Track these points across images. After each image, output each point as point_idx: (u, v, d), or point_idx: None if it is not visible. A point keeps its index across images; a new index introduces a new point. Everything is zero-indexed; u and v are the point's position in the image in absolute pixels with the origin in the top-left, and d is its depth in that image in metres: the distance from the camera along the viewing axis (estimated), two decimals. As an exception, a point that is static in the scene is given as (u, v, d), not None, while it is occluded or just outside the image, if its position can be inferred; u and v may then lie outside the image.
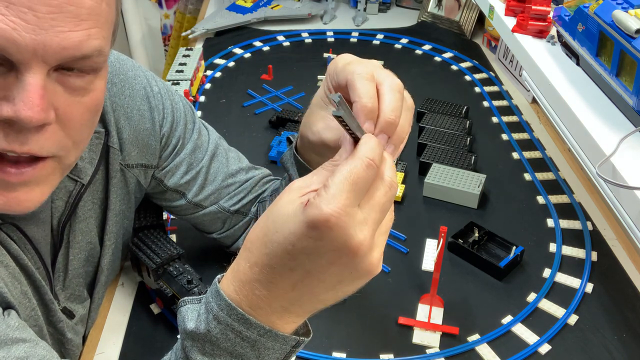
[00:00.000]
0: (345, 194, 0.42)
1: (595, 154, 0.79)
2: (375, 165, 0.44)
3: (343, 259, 0.44)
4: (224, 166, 0.88)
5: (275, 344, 0.49)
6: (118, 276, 0.98)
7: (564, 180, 1.18)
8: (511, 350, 0.86)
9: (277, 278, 0.46)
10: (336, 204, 0.42)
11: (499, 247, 1.02)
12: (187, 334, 0.51)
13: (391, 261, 1.00)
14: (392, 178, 0.46)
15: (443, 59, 1.62)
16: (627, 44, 0.76)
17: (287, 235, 0.44)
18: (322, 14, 1.83)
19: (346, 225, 0.43)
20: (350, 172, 0.43)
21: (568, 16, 0.95)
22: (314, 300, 0.48)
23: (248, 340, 0.48)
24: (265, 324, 0.48)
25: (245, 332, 0.48)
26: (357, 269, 0.45)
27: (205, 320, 0.49)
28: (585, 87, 0.91)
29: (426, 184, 1.13)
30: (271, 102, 1.42)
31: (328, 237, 0.43)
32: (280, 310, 0.48)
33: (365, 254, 0.44)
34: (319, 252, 0.44)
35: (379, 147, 0.45)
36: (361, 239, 0.43)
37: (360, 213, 0.44)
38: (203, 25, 1.73)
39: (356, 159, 0.44)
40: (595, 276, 0.98)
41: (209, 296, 0.50)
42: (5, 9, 0.45)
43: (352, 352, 0.86)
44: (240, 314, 0.48)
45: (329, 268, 0.45)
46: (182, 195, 0.86)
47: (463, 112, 1.33)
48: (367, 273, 0.46)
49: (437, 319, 0.90)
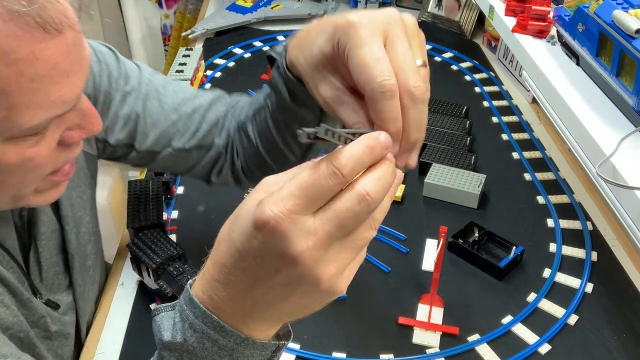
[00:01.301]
0: (294, 199, 0.40)
1: (595, 154, 0.79)
2: (341, 176, 0.40)
3: (286, 268, 0.42)
4: (163, 104, 0.82)
5: (253, 351, 0.48)
6: (118, 276, 0.98)
7: (564, 180, 1.18)
8: (511, 350, 0.86)
9: (232, 279, 0.45)
10: (280, 207, 0.40)
11: (499, 247, 1.02)
12: (164, 344, 0.49)
13: (391, 261, 1.00)
14: (368, 190, 0.41)
15: (443, 59, 1.62)
16: (627, 44, 0.76)
17: (239, 234, 0.43)
18: (322, 14, 1.83)
19: (287, 232, 0.40)
20: (308, 177, 0.40)
21: (568, 16, 0.95)
22: (272, 309, 0.46)
23: (225, 349, 0.47)
24: (242, 333, 0.47)
25: (222, 340, 0.47)
26: (303, 282, 0.42)
27: (181, 330, 0.48)
28: (585, 87, 0.91)
29: (426, 184, 1.13)
30: (271, 102, 1.42)
31: (269, 241, 0.41)
32: (243, 316, 0.46)
33: (310, 266, 0.41)
34: (263, 255, 0.42)
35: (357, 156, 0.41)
36: (302, 249, 0.40)
37: (310, 222, 0.40)
38: (203, 25, 1.73)
39: (322, 163, 0.41)
40: (595, 276, 0.98)
41: (183, 304, 0.48)
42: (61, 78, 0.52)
43: (352, 352, 0.86)
44: (215, 322, 0.46)
45: (275, 276, 0.42)
46: (131, 148, 0.83)
47: (463, 112, 1.33)
48: (319, 289, 0.43)
49: (437, 319, 0.90)
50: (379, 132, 0.43)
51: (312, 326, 0.89)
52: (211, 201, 1.11)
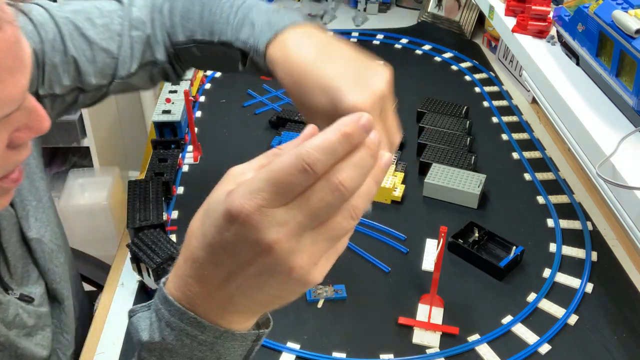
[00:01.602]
0: (262, 193, 0.39)
1: (595, 154, 0.79)
2: (312, 172, 0.38)
3: (258, 259, 0.41)
4: (89, 38, 0.80)
5: (234, 343, 0.47)
6: (118, 276, 0.98)
7: (564, 180, 1.18)
8: (511, 350, 0.86)
9: (204, 274, 0.44)
10: (249, 201, 0.39)
11: (499, 247, 1.02)
12: (143, 345, 0.49)
13: (391, 261, 1.00)
14: (342, 180, 0.39)
15: (443, 59, 1.62)
16: (627, 44, 0.76)
17: (210, 227, 0.42)
18: (322, 14, 1.83)
19: (257, 224, 0.39)
20: (277, 171, 0.39)
21: (568, 16, 0.95)
22: (248, 301, 0.45)
23: (205, 344, 0.46)
24: (220, 326, 0.46)
25: (201, 336, 0.46)
26: (276, 272, 0.41)
27: (158, 329, 0.47)
28: (585, 87, 0.91)
29: (426, 184, 1.13)
30: (271, 102, 1.42)
31: (241, 233, 0.40)
32: (218, 310, 0.46)
33: (282, 257, 0.40)
34: (235, 248, 0.41)
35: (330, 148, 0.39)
36: (274, 239, 0.39)
37: (281, 214, 0.39)
38: (203, 25, 1.73)
39: (293, 157, 0.39)
40: (595, 276, 0.98)
41: (158, 302, 0.48)
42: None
43: (352, 352, 0.86)
44: (192, 318, 0.46)
45: (249, 268, 0.42)
46: (80, 90, 0.82)
47: (463, 112, 1.33)
48: (292, 278, 0.41)
49: (437, 319, 0.90)
50: (360, 115, 0.40)
51: (312, 326, 0.89)
52: (211, 201, 1.11)
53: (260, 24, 0.73)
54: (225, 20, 0.79)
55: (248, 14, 0.77)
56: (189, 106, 1.21)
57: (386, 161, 0.43)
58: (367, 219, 1.08)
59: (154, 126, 1.22)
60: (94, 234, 2.00)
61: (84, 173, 2.08)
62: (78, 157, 2.25)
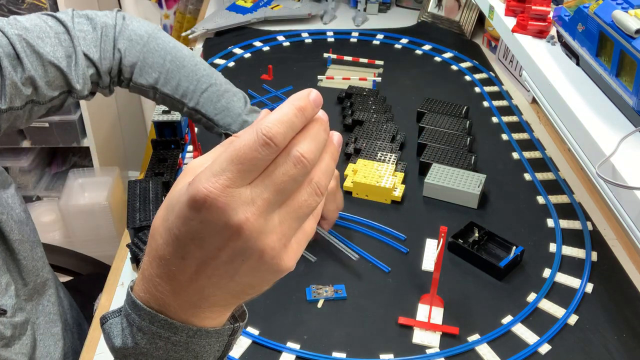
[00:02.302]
0: (227, 173, 0.39)
1: (595, 154, 0.79)
2: (273, 144, 0.38)
3: (229, 243, 0.40)
4: (41, 52, 0.86)
5: (209, 340, 0.46)
6: (118, 276, 0.98)
7: (564, 180, 1.18)
8: (511, 350, 0.86)
9: (172, 270, 0.43)
10: (214, 183, 0.38)
11: (499, 247, 1.02)
12: (117, 351, 0.48)
13: (391, 261, 1.00)
14: (302, 152, 0.40)
15: (443, 59, 1.62)
16: (627, 44, 0.76)
17: (175, 220, 0.41)
18: (322, 14, 1.83)
19: (225, 206, 0.39)
20: (239, 150, 0.39)
21: (568, 16, 0.95)
22: (220, 292, 0.44)
23: (179, 344, 0.46)
24: (192, 325, 0.45)
25: (174, 337, 0.45)
26: (246, 255, 0.41)
27: (130, 334, 0.46)
28: (585, 87, 0.91)
29: (426, 184, 1.13)
30: (271, 102, 1.42)
31: (208, 219, 0.39)
32: (190, 307, 0.44)
33: (252, 237, 0.40)
34: (202, 236, 0.40)
35: (287, 120, 0.39)
36: (242, 220, 0.39)
37: (247, 192, 0.39)
38: (203, 25, 1.73)
39: (253, 133, 0.39)
40: (595, 276, 0.98)
41: (127, 308, 0.47)
42: None
43: (352, 352, 0.86)
44: (162, 320, 0.45)
45: (219, 255, 0.41)
46: (35, 103, 0.87)
47: (463, 112, 1.33)
48: (264, 262, 0.41)
49: (437, 319, 0.90)
50: (309, 90, 0.41)
51: (312, 326, 0.89)
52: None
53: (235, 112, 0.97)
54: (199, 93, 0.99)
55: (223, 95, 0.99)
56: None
57: (338, 139, 0.44)
58: (364, 217, 1.08)
59: (154, 126, 1.22)
60: (94, 234, 2.00)
61: (84, 173, 2.09)
62: (78, 157, 2.25)
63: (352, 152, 1.23)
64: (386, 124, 1.30)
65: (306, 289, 0.94)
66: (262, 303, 0.93)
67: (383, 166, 1.16)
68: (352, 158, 1.21)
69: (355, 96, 1.41)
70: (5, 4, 1.78)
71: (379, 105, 1.37)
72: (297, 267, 1.06)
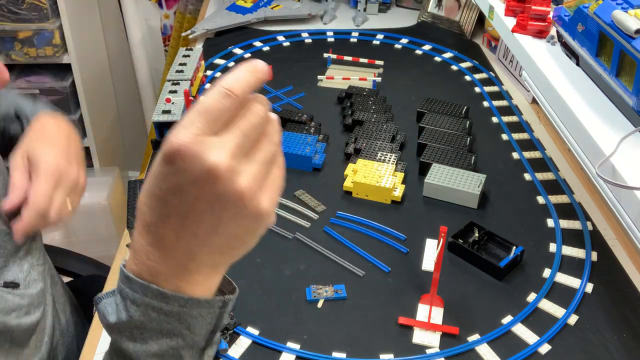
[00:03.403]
0: (195, 124, 0.42)
1: (595, 154, 0.79)
2: (234, 95, 0.43)
3: (206, 189, 0.42)
4: None
5: (200, 310, 0.48)
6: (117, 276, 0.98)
7: (564, 180, 1.18)
8: (511, 350, 0.86)
9: (160, 233, 0.45)
10: (184, 135, 0.41)
11: (499, 247, 1.02)
12: (112, 328, 0.50)
13: (391, 261, 1.00)
14: (258, 103, 0.45)
15: (443, 59, 1.62)
16: (627, 44, 0.76)
17: (154, 182, 0.44)
18: (322, 14, 1.83)
19: (197, 152, 0.41)
20: (204, 103, 0.43)
21: (568, 16, 0.95)
22: (207, 249, 0.46)
23: (172, 315, 0.47)
24: (183, 294, 0.47)
25: (166, 307, 0.47)
26: (227, 199, 0.43)
27: (124, 309, 0.48)
28: (585, 87, 0.91)
29: (426, 184, 1.13)
30: (271, 102, 1.42)
31: (183, 169, 0.42)
32: (181, 270, 0.46)
33: (228, 179, 0.42)
34: (181, 188, 0.43)
35: (243, 78, 0.44)
36: (215, 162, 0.41)
37: (216, 139, 0.42)
38: (203, 25, 1.73)
39: (214, 89, 0.43)
40: (595, 276, 0.98)
41: (120, 284, 0.49)
42: None
43: (352, 352, 0.86)
44: (154, 290, 0.47)
45: (198, 204, 0.43)
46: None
47: (463, 112, 1.33)
48: (243, 207, 0.43)
49: (437, 319, 0.90)
50: (256, 60, 0.46)
51: (312, 326, 0.89)
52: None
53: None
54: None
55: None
56: (189, 106, 1.21)
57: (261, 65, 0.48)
58: (364, 217, 1.08)
59: (154, 126, 1.22)
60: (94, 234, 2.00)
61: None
62: (78, 157, 2.25)
63: (352, 152, 1.23)
64: (386, 124, 1.30)
65: (306, 289, 0.94)
66: (262, 303, 0.93)
67: (383, 166, 1.16)
68: (352, 158, 1.21)
69: (355, 96, 1.41)
70: (5, 4, 1.78)
71: (379, 105, 1.37)
72: (297, 267, 1.06)
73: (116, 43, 2.17)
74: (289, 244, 1.04)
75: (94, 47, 2.06)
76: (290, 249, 1.02)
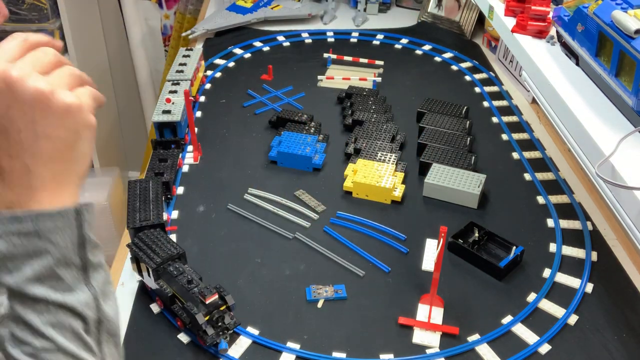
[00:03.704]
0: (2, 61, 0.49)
1: (594, 154, 0.79)
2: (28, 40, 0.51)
3: (9, 96, 0.48)
4: None
5: (55, 222, 0.50)
6: (118, 276, 0.98)
7: (564, 180, 1.18)
8: (511, 350, 0.86)
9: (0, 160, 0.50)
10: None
11: (499, 247, 1.02)
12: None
13: (391, 261, 1.00)
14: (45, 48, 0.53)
15: (443, 59, 1.62)
16: (627, 44, 0.76)
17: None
18: (322, 14, 1.83)
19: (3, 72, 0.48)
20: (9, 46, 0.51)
21: (567, 16, 0.95)
22: (39, 159, 0.50)
23: (30, 235, 0.50)
24: (33, 210, 0.50)
25: (21, 228, 0.49)
26: (29, 100, 0.48)
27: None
28: (584, 87, 0.91)
29: (426, 184, 1.13)
30: (271, 102, 1.42)
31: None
32: (27, 192, 0.50)
33: (23, 80, 0.48)
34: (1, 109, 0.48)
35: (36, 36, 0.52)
36: (3, 68, 0.48)
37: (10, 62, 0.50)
38: (203, 25, 1.73)
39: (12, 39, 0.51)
40: (595, 276, 0.98)
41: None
42: None
43: (352, 352, 0.86)
44: (7, 215, 0.49)
45: (8, 112, 0.48)
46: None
47: (463, 112, 1.33)
48: (49, 102, 0.49)
49: (437, 319, 0.90)
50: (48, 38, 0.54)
51: (312, 326, 0.90)
52: (211, 201, 1.11)
53: None
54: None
55: None
56: (189, 106, 1.21)
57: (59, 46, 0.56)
58: (364, 217, 1.08)
59: (154, 126, 1.22)
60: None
61: (84, 173, 2.08)
62: (78, 157, 2.25)
63: (352, 152, 1.23)
64: (386, 124, 1.30)
65: (306, 289, 0.95)
66: (262, 303, 0.93)
67: (383, 166, 1.16)
68: (352, 158, 1.21)
69: (355, 96, 1.41)
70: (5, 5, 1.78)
71: (379, 105, 1.37)
72: (297, 267, 1.05)
73: (116, 43, 2.17)
74: (289, 244, 1.04)
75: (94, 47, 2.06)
76: (290, 249, 1.02)
